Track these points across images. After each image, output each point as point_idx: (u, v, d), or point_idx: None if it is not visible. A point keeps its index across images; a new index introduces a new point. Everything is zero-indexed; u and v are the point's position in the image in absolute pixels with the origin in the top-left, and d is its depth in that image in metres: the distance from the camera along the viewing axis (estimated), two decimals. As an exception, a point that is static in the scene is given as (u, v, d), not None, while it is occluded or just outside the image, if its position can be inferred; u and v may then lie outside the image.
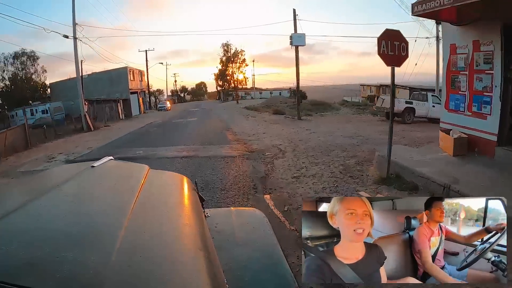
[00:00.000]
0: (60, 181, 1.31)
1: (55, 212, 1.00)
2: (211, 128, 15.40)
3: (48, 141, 14.49)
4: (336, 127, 13.71)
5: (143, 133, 15.58)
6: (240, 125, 16.40)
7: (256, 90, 62.89)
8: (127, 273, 0.72)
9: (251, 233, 1.43)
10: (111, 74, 32.43)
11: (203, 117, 22.64)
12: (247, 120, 19.53)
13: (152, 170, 1.59)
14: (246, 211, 1.99)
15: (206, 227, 1.18)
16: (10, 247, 0.73)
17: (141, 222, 0.98)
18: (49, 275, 0.66)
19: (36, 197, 1.09)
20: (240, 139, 11.38)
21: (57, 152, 11.01)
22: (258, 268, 1.15)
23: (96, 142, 12.92)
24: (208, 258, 0.88)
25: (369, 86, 59.77)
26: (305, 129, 13.59)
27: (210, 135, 12.73)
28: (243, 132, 13.12)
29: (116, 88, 31.93)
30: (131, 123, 22.44)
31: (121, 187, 1.39)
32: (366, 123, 15.57)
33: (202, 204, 1.50)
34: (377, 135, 10.93)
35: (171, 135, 13.71)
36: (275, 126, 15.34)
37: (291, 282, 1.09)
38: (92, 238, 0.85)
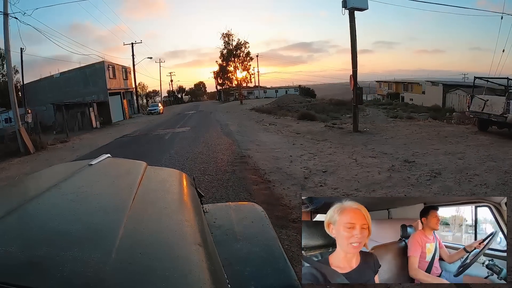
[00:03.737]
0: (58, 179, 1.28)
1: (54, 211, 1.00)
2: (212, 154, 8.22)
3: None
4: (450, 153, 7.10)
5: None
6: (261, 145, 9.33)
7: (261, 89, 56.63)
8: (127, 270, 0.72)
9: (250, 227, 1.40)
10: (85, 71, 26.05)
11: (199, 127, 15.69)
12: (268, 132, 12.32)
13: (150, 166, 1.61)
14: (245, 205, 1.89)
15: (205, 223, 1.21)
16: (10, 247, 0.73)
17: (140, 219, 0.98)
18: (49, 274, 0.66)
19: (35, 196, 1.08)
20: (291, 205, 4.36)
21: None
22: (257, 262, 1.13)
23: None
24: (207, 254, 0.88)
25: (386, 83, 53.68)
26: (402, 160, 6.59)
27: (210, 180, 5.70)
28: (277, 170, 6.26)
29: (93, 88, 25.66)
30: (100, 136, 16.32)
31: (119, 184, 1.39)
32: (474, 140, 9.07)
33: (201, 200, 1.53)
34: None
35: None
36: (326, 148, 8.52)
37: (291, 276, 1.06)
38: (92, 236, 0.84)
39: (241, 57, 37.42)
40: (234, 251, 1.16)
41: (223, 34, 37.43)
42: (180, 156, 8.18)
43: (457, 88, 30.19)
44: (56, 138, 16.43)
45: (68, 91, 24.34)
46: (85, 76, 25.88)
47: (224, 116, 21.77)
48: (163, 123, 20.59)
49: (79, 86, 25.49)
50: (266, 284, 1.02)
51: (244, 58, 37.39)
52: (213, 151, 8.65)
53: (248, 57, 37.61)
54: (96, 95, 25.57)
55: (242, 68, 37.77)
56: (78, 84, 25.48)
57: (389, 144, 8.69)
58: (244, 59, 37.37)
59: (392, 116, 23.85)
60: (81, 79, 25.82)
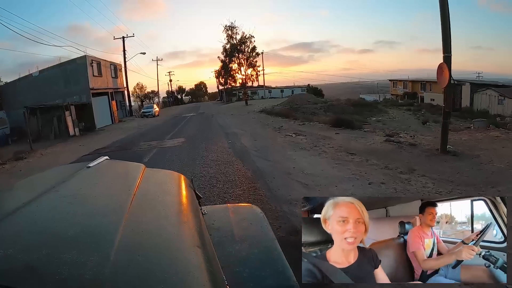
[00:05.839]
0: (56, 182, 1.27)
1: (52, 214, 0.99)
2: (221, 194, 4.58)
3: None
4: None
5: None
6: (309, 183, 5.02)
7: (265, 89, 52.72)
8: (126, 272, 0.72)
9: (248, 229, 1.39)
10: (66, 68, 22.19)
11: (198, 138, 11.05)
12: (302, 150, 7.82)
13: (148, 168, 1.59)
14: (243, 207, 1.87)
15: (203, 225, 1.19)
16: (8, 250, 0.72)
17: (138, 221, 0.97)
18: (48, 278, 0.65)
19: (33, 199, 1.07)
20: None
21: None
22: (256, 264, 1.12)
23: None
24: (206, 255, 0.88)
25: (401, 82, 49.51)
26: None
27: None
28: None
29: (74, 88, 21.85)
30: (70, 150, 12.60)
31: (117, 187, 1.39)
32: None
33: (199, 202, 1.50)
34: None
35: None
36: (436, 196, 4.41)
37: (290, 277, 1.05)
38: (90, 238, 0.84)
39: (246, 53, 33.14)
40: (233, 252, 1.16)
41: (226, 27, 33.28)
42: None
43: (487, 88, 27.20)
44: (18, 152, 12.62)
45: (47, 91, 20.75)
46: (65, 74, 22.01)
47: (229, 120, 17.72)
48: (154, 129, 16.75)
49: (59, 85, 21.69)
50: (265, 286, 1.02)
51: (250, 53, 33.13)
52: (223, 192, 4.71)
53: (254, 53, 33.29)
54: (78, 95, 21.70)
55: (247, 65, 33.54)
56: (58, 83, 21.68)
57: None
58: (249, 54, 33.11)
59: (423, 120, 20.15)
60: (61, 77, 21.97)
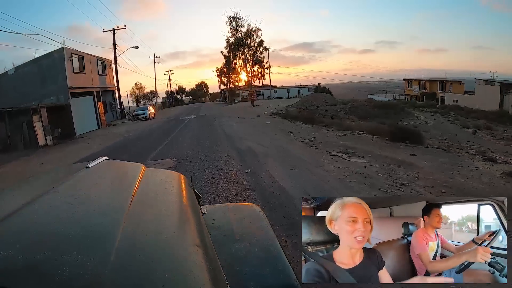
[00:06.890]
0: (56, 182, 1.27)
1: (52, 214, 0.99)
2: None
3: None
4: None
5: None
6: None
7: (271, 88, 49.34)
8: (126, 272, 0.71)
9: (248, 227, 1.38)
10: (42, 64, 18.78)
11: (197, 156, 7.87)
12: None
13: (147, 168, 1.58)
14: (243, 206, 1.88)
15: (203, 224, 1.18)
16: (8, 251, 0.72)
17: (138, 221, 0.97)
18: (48, 278, 0.65)
19: (33, 199, 1.06)
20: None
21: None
22: (257, 262, 1.12)
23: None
24: (206, 255, 0.88)
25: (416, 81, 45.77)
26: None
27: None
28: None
29: (51, 87, 18.46)
30: (25, 170, 9.25)
31: (117, 187, 1.39)
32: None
33: (199, 201, 1.49)
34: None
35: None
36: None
37: (291, 276, 1.05)
38: (90, 239, 0.83)
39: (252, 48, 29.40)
40: (233, 251, 1.16)
41: (230, 18, 29.61)
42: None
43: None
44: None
45: (25, 92, 17.76)
46: (41, 70, 18.61)
47: (238, 126, 14.13)
48: (142, 138, 13.32)
49: (36, 84, 18.32)
50: (265, 284, 1.02)
51: (256, 48, 29.38)
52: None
53: (261, 47, 29.33)
54: (55, 96, 18.28)
55: (253, 61, 29.78)
56: (34, 81, 18.35)
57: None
58: (256, 49, 29.35)
59: (464, 125, 17.55)
60: (37, 74, 18.61)
